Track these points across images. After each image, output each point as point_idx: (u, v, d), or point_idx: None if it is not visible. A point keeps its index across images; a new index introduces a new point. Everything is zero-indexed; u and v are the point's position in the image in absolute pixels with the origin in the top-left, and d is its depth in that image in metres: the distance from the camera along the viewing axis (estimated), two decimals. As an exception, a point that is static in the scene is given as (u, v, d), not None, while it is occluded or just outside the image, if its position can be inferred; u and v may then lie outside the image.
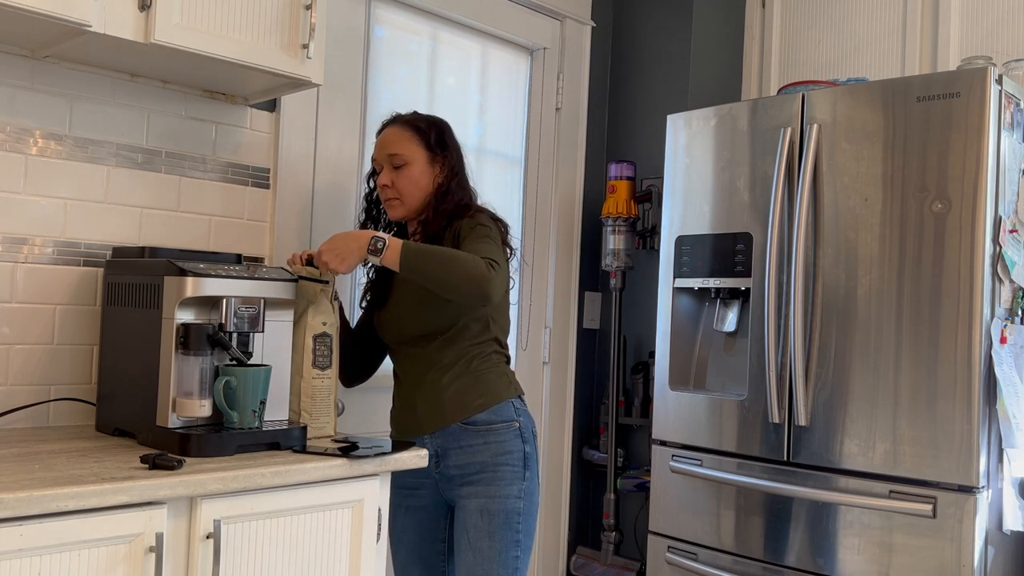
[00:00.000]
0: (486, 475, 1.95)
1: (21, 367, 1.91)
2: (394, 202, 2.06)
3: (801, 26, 3.13)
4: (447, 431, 1.98)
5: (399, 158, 2.03)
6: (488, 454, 1.96)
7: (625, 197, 2.98)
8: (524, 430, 2.00)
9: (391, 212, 2.08)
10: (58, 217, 1.96)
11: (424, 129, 2.06)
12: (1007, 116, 2.10)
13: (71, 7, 1.64)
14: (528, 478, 1.98)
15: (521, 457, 1.97)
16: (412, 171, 2.03)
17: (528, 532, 1.97)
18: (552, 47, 3.10)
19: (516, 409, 2.01)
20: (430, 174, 2.05)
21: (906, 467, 2.11)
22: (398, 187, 2.04)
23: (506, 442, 1.97)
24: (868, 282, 2.19)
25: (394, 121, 2.10)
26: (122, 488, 1.39)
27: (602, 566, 3.04)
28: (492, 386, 2.00)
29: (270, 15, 1.92)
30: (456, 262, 1.81)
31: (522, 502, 1.96)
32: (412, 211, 2.06)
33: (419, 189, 2.04)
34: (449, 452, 1.98)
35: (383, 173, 2.06)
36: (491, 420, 1.97)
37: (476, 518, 1.94)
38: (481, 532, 1.93)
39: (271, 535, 1.61)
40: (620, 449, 3.08)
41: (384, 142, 2.07)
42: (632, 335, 3.14)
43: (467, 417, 1.97)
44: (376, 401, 2.46)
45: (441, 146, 2.06)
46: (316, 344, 1.91)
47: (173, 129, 2.14)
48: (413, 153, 2.04)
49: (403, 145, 2.04)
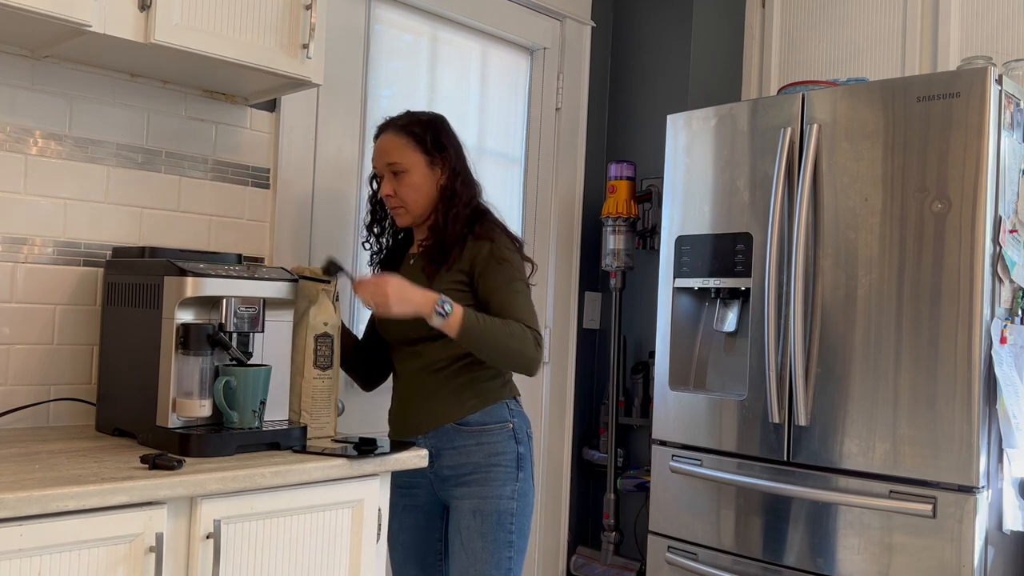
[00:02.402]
0: (479, 476, 1.95)
1: (21, 367, 1.91)
2: (399, 211, 2.04)
3: (801, 26, 3.13)
4: (441, 431, 1.98)
5: (398, 166, 2.01)
6: (481, 455, 1.96)
7: (625, 197, 2.98)
8: (518, 431, 2.00)
9: (398, 220, 2.07)
10: (58, 217, 1.96)
11: (419, 133, 2.02)
12: (1007, 116, 2.10)
13: (71, 7, 1.64)
14: (522, 479, 1.98)
15: (514, 458, 1.97)
16: (413, 178, 2.01)
17: (522, 533, 1.97)
18: (552, 47, 3.10)
19: (510, 410, 2.01)
20: (432, 178, 2.02)
21: (906, 467, 2.10)
22: (401, 196, 2.01)
23: (499, 443, 1.97)
24: (868, 282, 2.19)
25: (388, 127, 2.07)
26: (122, 488, 1.39)
27: (602, 566, 3.04)
28: (486, 387, 1.99)
29: (270, 15, 1.92)
30: (511, 343, 1.87)
31: (515, 503, 1.95)
32: (418, 217, 2.04)
33: (422, 195, 2.01)
34: (443, 452, 1.98)
35: (385, 182, 2.04)
36: (484, 421, 1.97)
37: (469, 519, 1.94)
38: (474, 533, 1.93)
39: (271, 535, 1.61)
40: (620, 449, 3.08)
41: (381, 150, 2.05)
42: (632, 335, 3.14)
43: (460, 418, 1.97)
44: (376, 401, 2.45)
45: (438, 147, 2.03)
46: (317, 344, 1.91)
47: (173, 129, 2.14)
48: (411, 160, 2.01)
49: (400, 152, 2.01)
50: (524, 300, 1.95)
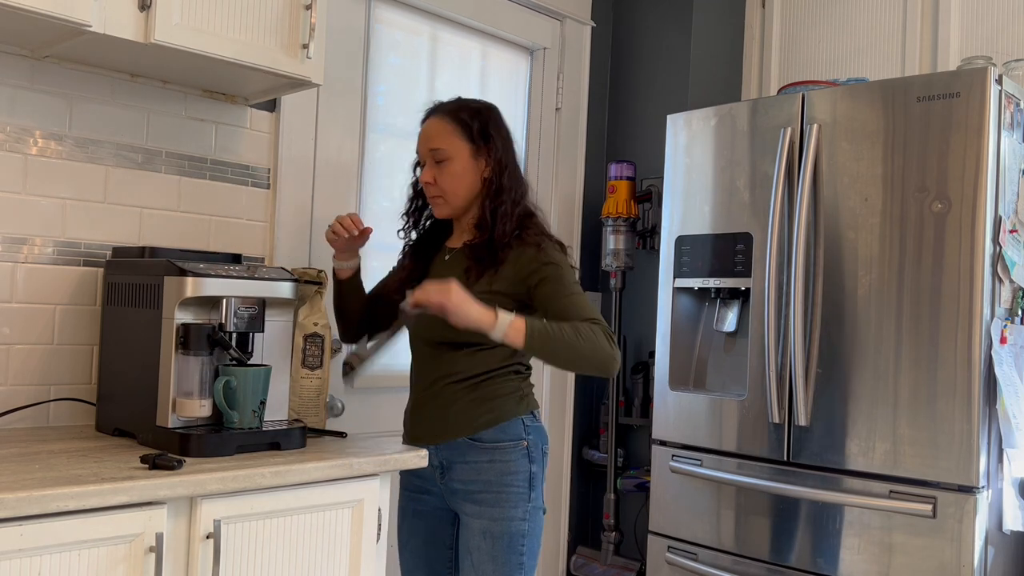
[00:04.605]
0: (490, 495, 1.88)
1: (21, 367, 1.91)
2: (438, 200, 1.95)
3: (801, 26, 3.13)
4: (453, 444, 1.91)
5: (440, 153, 1.91)
6: (493, 473, 1.89)
7: (625, 197, 2.98)
8: (532, 448, 1.92)
9: (436, 211, 1.98)
10: (58, 217, 1.96)
11: (467, 120, 1.92)
12: (1007, 116, 2.10)
13: (71, 7, 1.64)
14: (533, 498, 1.91)
15: (527, 477, 1.90)
16: (455, 167, 1.91)
17: (532, 553, 1.91)
18: (552, 47, 3.10)
19: (526, 427, 1.92)
20: (475, 169, 1.92)
21: (906, 467, 2.10)
22: (441, 184, 1.92)
23: (512, 462, 1.89)
24: (868, 282, 2.19)
25: (435, 111, 1.97)
26: (122, 488, 1.39)
27: (602, 566, 3.04)
28: (501, 402, 1.91)
29: (270, 15, 1.92)
30: (581, 343, 1.76)
31: (526, 524, 1.89)
32: (458, 209, 1.95)
33: (463, 186, 1.92)
34: (454, 465, 1.92)
35: (425, 169, 1.94)
36: (498, 438, 1.89)
37: (479, 540, 1.88)
38: (485, 555, 1.88)
39: (271, 535, 1.61)
40: (620, 449, 3.08)
41: (425, 135, 1.95)
42: (632, 335, 3.14)
43: (473, 433, 1.90)
44: (376, 401, 2.46)
45: (485, 137, 1.92)
46: (307, 344, 1.91)
47: (173, 129, 2.14)
48: (455, 147, 1.91)
49: (444, 139, 1.91)
50: (583, 300, 1.85)
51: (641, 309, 3.10)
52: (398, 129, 2.66)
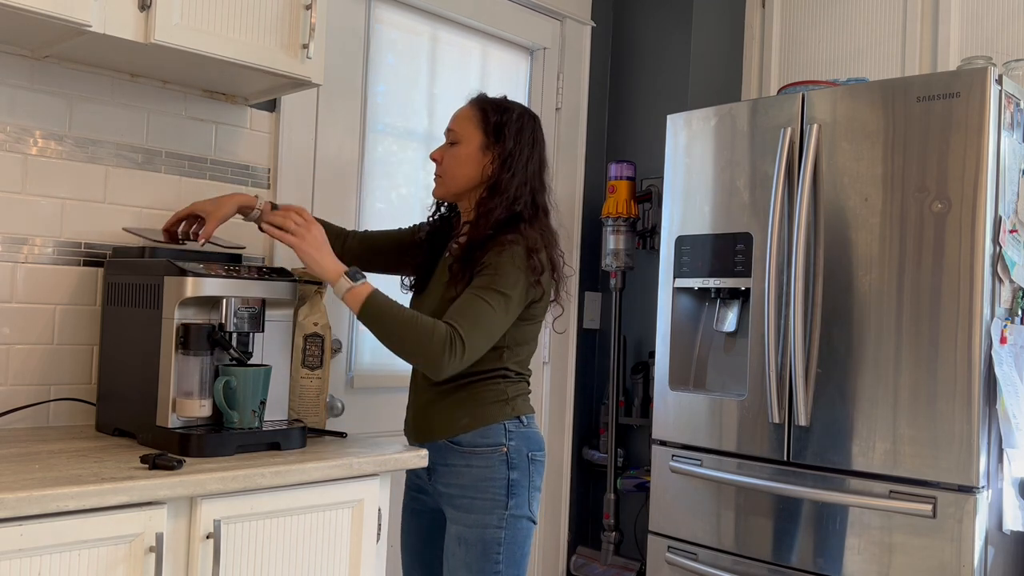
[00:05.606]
0: (466, 501, 1.86)
1: (21, 367, 1.91)
2: (437, 179, 1.99)
3: (801, 26, 3.13)
4: (435, 446, 1.90)
5: (454, 135, 1.96)
6: (469, 478, 1.87)
7: (625, 197, 2.98)
8: (512, 455, 1.87)
9: (435, 189, 2.01)
10: (58, 217, 1.96)
11: (488, 113, 1.95)
12: (1007, 116, 2.10)
13: (71, 7, 1.64)
14: (512, 506, 1.86)
15: (504, 484, 1.86)
16: (461, 151, 1.94)
17: (512, 562, 1.86)
18: (552, 47, 3.10)
19: (508, 432, 1.88)
20: (479, 160, 1.93)
21: (906, 467, 2.10)
22: (444, 164, 1.96)
23: (489, 467, 1.86)
24: (868, 282, 2.19)
25: (473, 99, 2.01)
26: (122, 488, 1.39)
27: (602, 566, 3.04)
28: (482, 407, 1.88)
29: (270, 15, 1.92)
30: (409, 336, 1.74)
31: (503, 532, 1.84)
32: (450, 194, 1.98)
33: (462, 173, 1.94)
34: (438, 468, 1.91)
35: (440, 147, 2.00)
36: (476, 442, 1.87)
37: (454, 545, 1.87)
38: (458, 562, 1.85)
39: (271, 535, 1.61)
40: (620, 449, 3.08)
41: (453, 116, 2.00)
42: (632, 335, 3.14)
43: (453, 435, 1.89)
44: (376, 401, 2.46)
45: (498, 134, 1.93)
46: (307, 344, 1.91)
47: (173, 129, 2.14)
48: (468, 133, 1.94)
49: (462, 123, 1.96)
50: (476, 306, 1.77)
51: (641, 309, 3.10)
52: (398, 129, 2.66)
